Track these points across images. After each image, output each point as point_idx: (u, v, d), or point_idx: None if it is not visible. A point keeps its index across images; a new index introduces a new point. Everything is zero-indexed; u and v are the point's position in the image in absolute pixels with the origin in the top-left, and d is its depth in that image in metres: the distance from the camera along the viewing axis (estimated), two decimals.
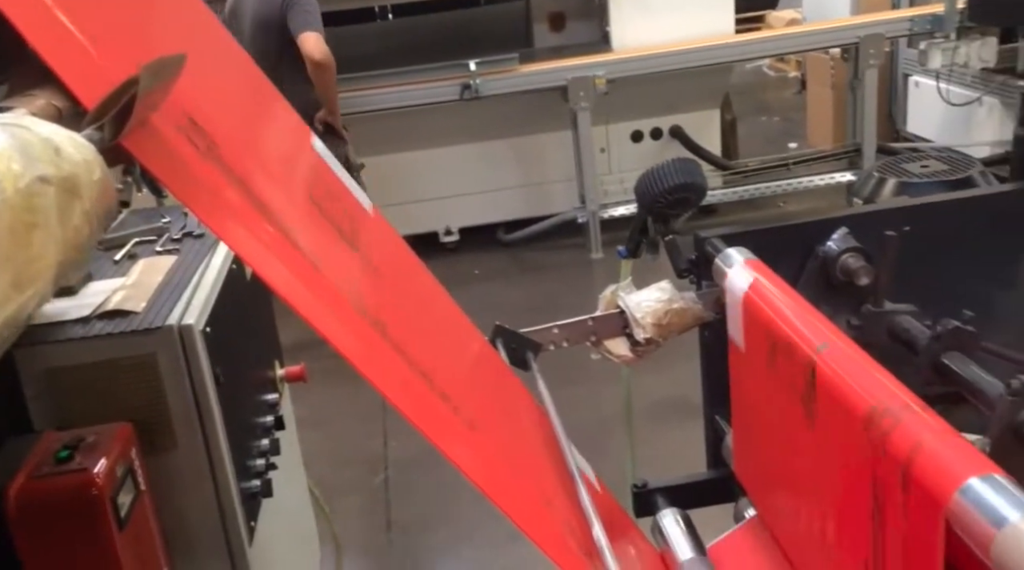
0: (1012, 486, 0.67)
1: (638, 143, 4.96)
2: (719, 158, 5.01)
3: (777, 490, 1.07)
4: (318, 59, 3.46)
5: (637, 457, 1.75)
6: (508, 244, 4.89)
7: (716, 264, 1.17)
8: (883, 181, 1.47)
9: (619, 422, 2.60)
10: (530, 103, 4.61)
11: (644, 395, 2.95)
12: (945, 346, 1.08)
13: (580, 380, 2.50)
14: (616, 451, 1.85)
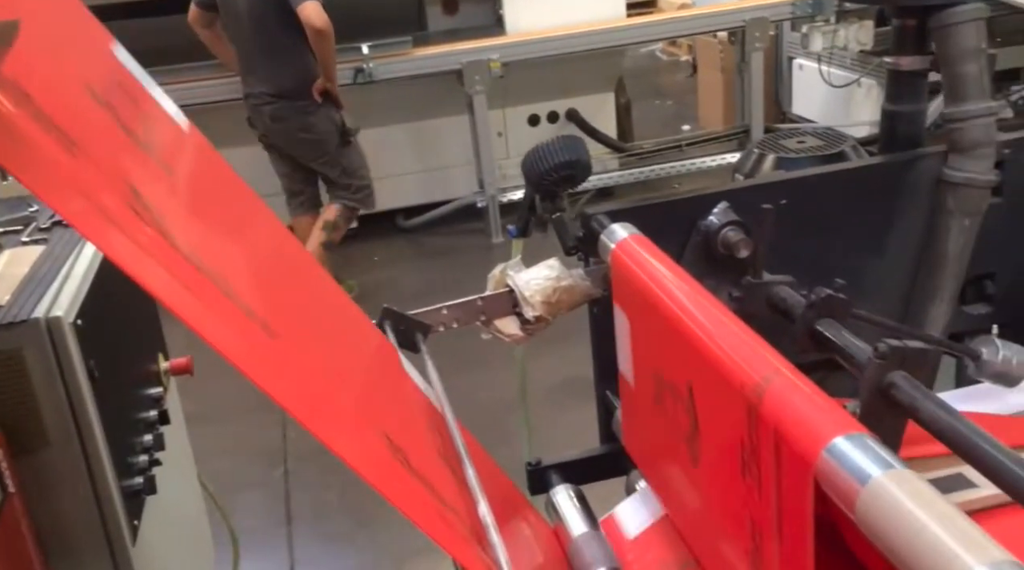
0: (876, 444, 0.70)
1: (535, 127, 4.99)
2: (615, 141, 5.08)
3: (662, 459, 1.09)
4: (319, 27, 3.45)
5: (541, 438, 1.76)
6: (408, 230, 4.85)
7: (601, 240, 1.18)
8: (763, 157, 1.51)
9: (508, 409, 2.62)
10: (426, 87, 4.58)
11: (549, 375, 2.98)
12: (819, 314, 1.11)
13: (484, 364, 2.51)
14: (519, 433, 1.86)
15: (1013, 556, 0.58)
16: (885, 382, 0.97)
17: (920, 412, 0.93)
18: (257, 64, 3.70)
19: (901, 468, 0.67)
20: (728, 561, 0.91)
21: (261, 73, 3.71)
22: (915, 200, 1.33)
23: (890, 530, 0.63)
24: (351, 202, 3.96)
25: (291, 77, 3.68)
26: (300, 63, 3.66)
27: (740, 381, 0.82)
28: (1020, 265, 1.39)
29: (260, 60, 3.68)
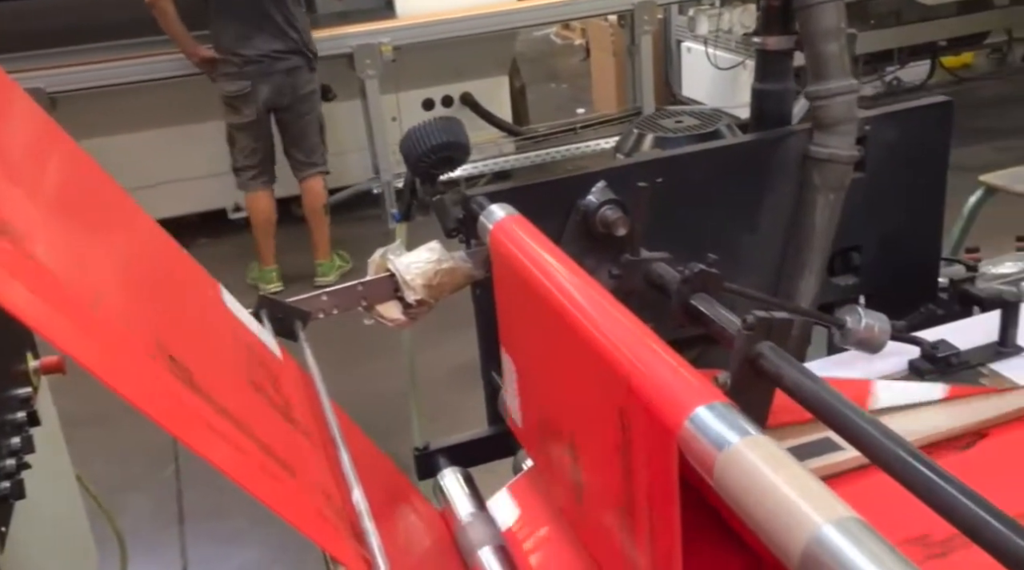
0: (734, 413, 0.72)
1: (430, 111, 4.95)
2: (510, 125, 5.10)
3: (544, 437, 1.10)
4: None
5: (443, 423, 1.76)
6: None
7: (480, 221, 1.18)
8: (642, 137, 1.54)
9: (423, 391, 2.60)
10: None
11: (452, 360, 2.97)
12: (692, 289, 1.14)
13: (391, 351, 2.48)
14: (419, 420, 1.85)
15: (857, 513, 0.61)
16: (753, 352, 1.00)
17: (785, 380, 0.96)
18: (267, 24, 3.83)
19: (757, 434, 0.69)
20: (606, 532, 0.93)
21: (272, 31, 3.84)
22: (784, 176, 1.38)
23: (744, 493, 0.66)
24: (324, 168, 4.15)
25: (303, 30, 3.94)
26: (305, 18, 3.97)
27: (610, 356, 0.84)
28: (883, 237, 1.46)
29: (271, 19, 3.82)
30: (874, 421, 0.86)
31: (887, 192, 1.42)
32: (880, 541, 0.59)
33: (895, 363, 1.25)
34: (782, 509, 0.62)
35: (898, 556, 0.58)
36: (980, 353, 1.24)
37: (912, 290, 1.48)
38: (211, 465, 0.61)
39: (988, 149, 4.49)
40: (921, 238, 1.48)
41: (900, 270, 1.48)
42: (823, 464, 1.06)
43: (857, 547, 0.58)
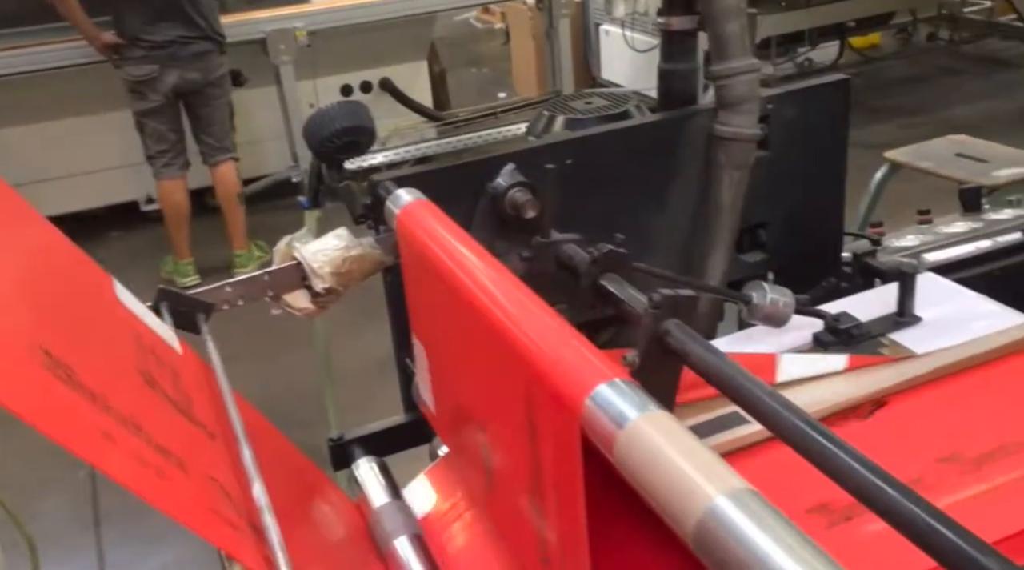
0: (634, 390, 0.72)
1: (349, 97, 4.88)
2: (430, 110, 5.06)
3: (457, 422, 1.09)
4: None
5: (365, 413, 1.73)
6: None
7: (387, 206, 1.16)
8: (553, 119, 1.54)
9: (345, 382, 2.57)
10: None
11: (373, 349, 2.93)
12: (602, 269, 1.14)
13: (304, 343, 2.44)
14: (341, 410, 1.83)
15: (751, 485, 0.62)
16: (660, 330, 1.00)
17: (691, 357, 0.97)
18: (172, 8, 3.73)
19: (656, 411, 0.70)
20: (517, 515, 0.93)
21: (178, 16, 3.75)
22: (691, 155, 1.40)
23: (642, 468, 0.66)
24: (235, 154, 4.08)
25: (211, 13, 3.86)
26: (212, 2, 3.90)
27: (513, 338, 0.83)
28: (788, 214, 1.49)
29: (176, 3, 3.73)
30: (773, 394, 0.88)
31: (790, 169, 1.46)
32: (773, 512, 0.60)
33: (800, 336, 1.28)
34: (677, 483, 0.63)
35: (790, 526, 0.59)
36: (880, 324, 1.27)
37: (817, 264, 1.52)
38: (91, 465, 0.59)
39: (894, 127, 4.64)
40: (824, 213, 1.52)
41: (805, 245, 1.51)
42: (731, 438, 1.08)
43: (750, 518, 0.59)
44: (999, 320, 1.25)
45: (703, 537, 0.59)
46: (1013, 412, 1.08)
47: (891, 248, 1.82)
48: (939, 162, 2.50)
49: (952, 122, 4.54)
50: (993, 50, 6.06)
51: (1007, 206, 1.98)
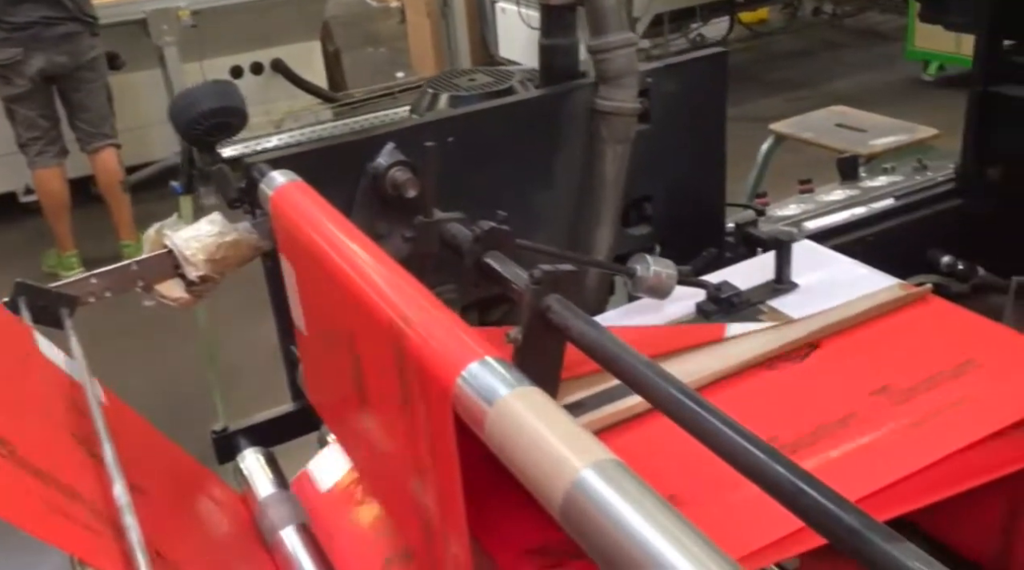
0: (505, 366, 0.72)
1: (240, 79, 4.72)
2: (325, 91, 4.95)
3: (340, 407, 1.07)
4: None
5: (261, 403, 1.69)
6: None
7: (260, 189, 1.13)
8: (436, 96, 1.52)
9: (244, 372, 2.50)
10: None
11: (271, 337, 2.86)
12: (485, 247, 1.14)
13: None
14: (233, 403, 1.77)
15: (616, 456, 0.62)
16: (542, 306, 1.00)
17: (572, 331, 0.97)
18: None
19: (525, 386, 0.69)
20: (403, 496, 0.92)
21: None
22: (574, 130, 1.40)
23: (511, 444, 0.66)
24: (115, 139, 3.92)
25: None
26: None
27: (387, 319, 0.82)
28: (671, 186, 1.51)
29: None
30: (650, 365, 0.89)
31: (672, 142, 1.47)
32: (639, 484, 0.60)
33: (685, 306, 1.30)
34: (545, 457, 0.63)
35: (656, 498, 0.59)
36: (759, 291, 1.31)
37: (702, 236, 1.54)
38: None
39: (780, 100, 4.78)
40: (707, 185, 1.55)
41: (689, 217, 1.54)
42: (616, 410, 1.09)
43: (615, 490, 0.59)
44: (870, 283, 1.30)
45: (569, 510, 0.59)
46: (879, 372, 1.12)
47: (774, 217, 1.88)
48: (820, 133, 2.58)
49: (835, 94, 4.70)
50: (873, 23, 6.30)
51: (882, 174, 2.05)
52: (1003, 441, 1.01)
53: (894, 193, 1.81)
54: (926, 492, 0.98)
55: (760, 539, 0.87)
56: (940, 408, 1.05)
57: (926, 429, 1.02)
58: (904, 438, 1.02)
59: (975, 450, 1.00)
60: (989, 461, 1.01)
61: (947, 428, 1.01)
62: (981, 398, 1.05)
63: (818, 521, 0.70)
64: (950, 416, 1.03)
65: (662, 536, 0.55)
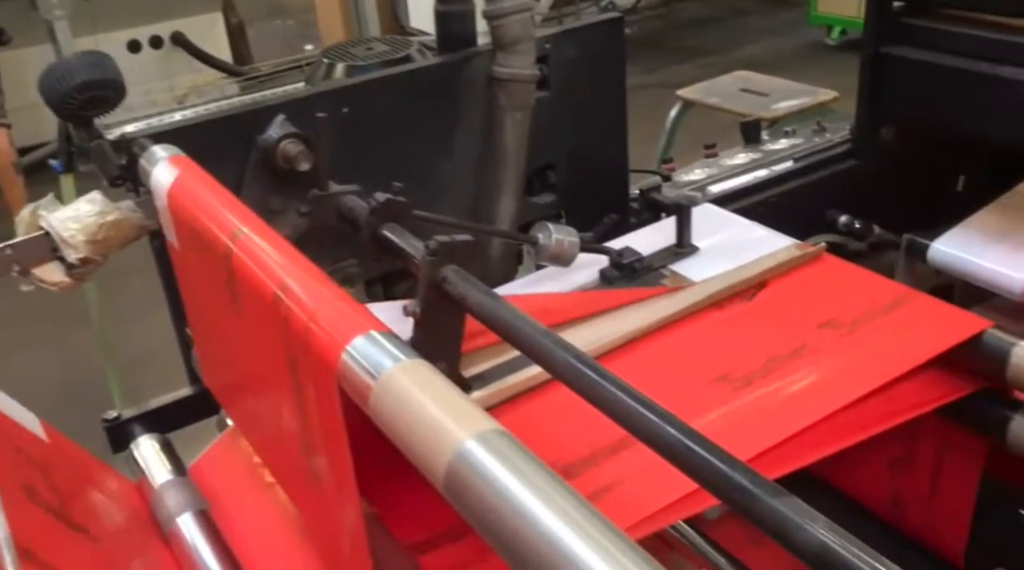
0: (390, 340, 0.70)
1: (137, 54, 4.54)
2: (229, 64, 4.79)
3: (234, 388, 1.04)
4: None
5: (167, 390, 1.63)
6: None
7: (141, 165, 1.07)
8: (332, 67, 1.47)
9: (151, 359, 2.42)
10: None
11: None
12: (381, 219, 1.11)
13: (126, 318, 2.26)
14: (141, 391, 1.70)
15: (501, 426, 0.61)
16: (438, 277, 0.99)
17: (468, 302, 0.96)
18: None
19: (410, 359, 0.68)
20: (298, 478, 0.89)
21: None
22: (472, 98, 1.37)
23: (395, 419, 0.64)
24: (6, 120, 3.66)
25: None
26: None
27: (271, 295, 0.79)
28: (574, 153, 1.50)
29: None
30: (547, 333, 0.88)
31: (572, 109, 1.46)
32: (524, 454, 0.59)
33: (589, 273, 1.30)
34: (428, 430, 0.61)
35: (542, 468, 0.58)
36: (661, 256, 1.31)
37: (606, 202, 1.54)
38: None
39: (691, 67, 4.83)
40: (610, 152, 1.54)
41: (593, 184, 1.54)
42: (521, 379, 1.08)
43: (498, 459, 0.58)
44: (768, 244, 1.32)
45: (452, 482, 0.58)
46: (777, 331, 1.14)
47: (680, 183, 1.89)
48: (725, 98, 2.61)
49: (743, 59, 4.76)
50: None
51: (783, 137, 2.09)
52: (893, 392, 1.04)
53: (793, 155, 1.85)
54: (821, 446, 1.00)
55: (658, 502, 0.88)
56: (836, 362, 1.07)
57: (820, 384, 1.05)
58: (799, 394, 1.04)
59: (867, 403, 1.02)
60: (881, 413, 1.04)
61: (841, 382, 1.04)
62: (872, 352, 1.08)
63: (708, 480, 0.71)
64: (844, 370, 1.06)
65: (545, 506, 0.55)
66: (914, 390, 1.05)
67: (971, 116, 1.54)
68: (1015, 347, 1.00)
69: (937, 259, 1.66)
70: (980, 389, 1.05)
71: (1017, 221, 1.66)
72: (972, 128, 1.56)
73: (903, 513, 1.19)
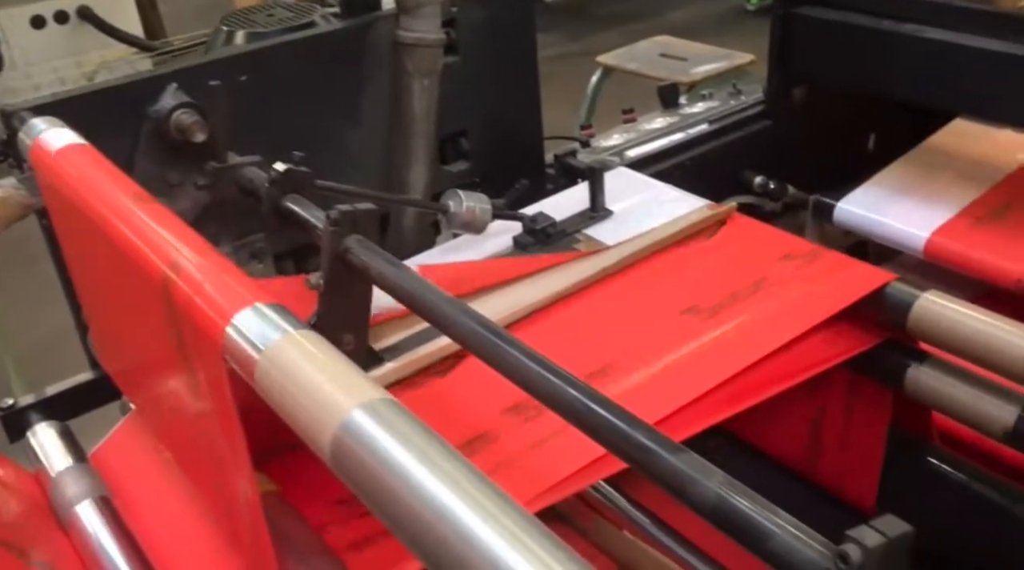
0: (277, 312, 0.67)
1: (42, 30, 4.32)
2: (140, 39, 4.60)
3: (129, 370, 1.00)
4: None
5: None
6: None
7: (20, 139, 1.02)
8: (232, 34, 1.41)
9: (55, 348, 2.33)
10: None
11: None
12: (283, 190, 1.08)
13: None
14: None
15: (390, 395, 0.59)
16: (341, 247, 0.96)
17: (372, 272, 0.94)
18: None
19: (298, 331, 0.65)
20: (196, 457, 0.87)
21: None
22: (378, 64, 1.34)
23: (282, 392, 0.62)
24: None
25: None
26: None
27: (157, 272, 0.75)
28: (486, 120, 1.48)
29: None
30: (451, 300, 0.87)
31: (482, 74, 1.44)
32: (412, 421, 0.57)
33: (503, 241, 1.29)
34: (313, 401, 0.59)
35: (429, 435, 0.56)
36: (575, 221, 1.30)
37: (522, 169, 1.53)
38: None
39: (615, 34, 4.82)
40: (523, 117, 1.52)
41: (508, 150, 1.52)
42: (431, 350, 1.06)
43: (385, 429, 0.56)
44: (681, 205, 1.32)
45: (338, 454, 0.56)
46: (688, 291, 1.14)
47: (599, 148, 1.88)
48: (644, 63, 2.61)
49: (666, 25, 4.78)
50: None
51: (701, 100, 2.09)
52: (802, 348, 1.05)
53: (708, 118, 1.85)
54: (734, 401, 1.01)
55: (569, 466, 0.87)
56: (746, 320, 1.08)
57: (732, 341, 1.05)
58: (711, 352, 1.04)
59: (777, 359, 1.03)
60: (791, 368, 1.05)
61: (752, 339, 1.04)
62: (782, 308, 1.08)
63: (610, 440, 0.70)
64: (753, 327, 1.07)
65: (433, 475, 0.53)
66: (822, 344, 1.07)
67: (877, 74, 1.56)
68: (917, 298, 1.02)
69: (843, 219, 1.68)
70: (885, 341, 1.07)
71: (919, 178, 1.69)
72: (878, 86, 1.58)
73: (817, 466, 1.22)
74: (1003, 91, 1.43)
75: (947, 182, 1.64)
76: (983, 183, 1.61)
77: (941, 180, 1.65)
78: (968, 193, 1.60)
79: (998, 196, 1.58)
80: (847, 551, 0.51)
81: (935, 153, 1.74)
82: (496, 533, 0.48)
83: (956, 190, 1.61)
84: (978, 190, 1.60)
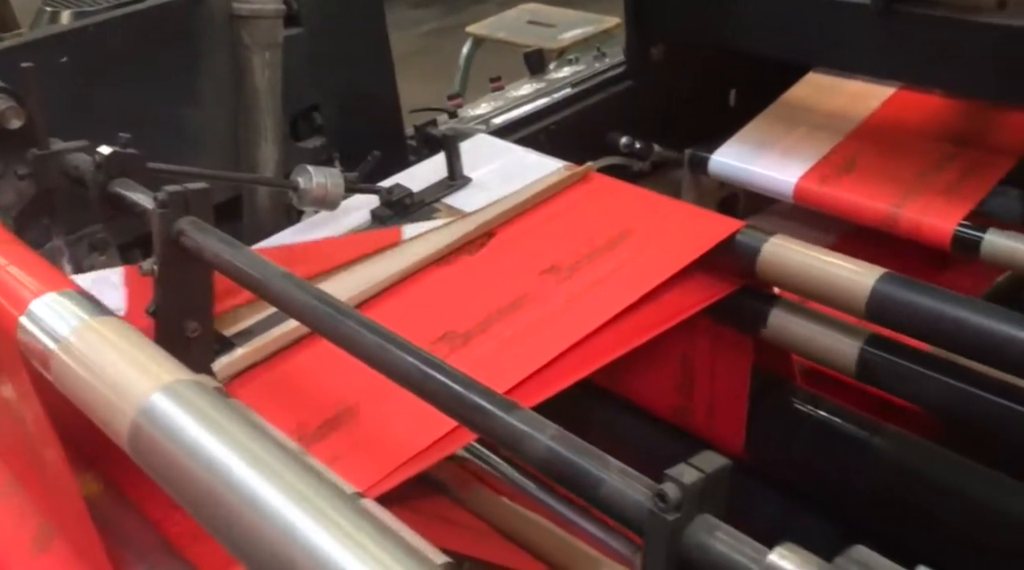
0: (75, 301, 0.63)
1: None
2: None
3: None
4: None
5: None
6: None
7: None
8: (57, 14, 1.32)
9: None
10: None
11: None
12: (110, 175, 1.01)
13: None
14: None
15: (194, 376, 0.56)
16: (173, 230, 0.91)
17: (206, 254, 0.89)
18: None
19: (96, 318, 0.61)
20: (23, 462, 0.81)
21: None
22: (215, 39, 1.28)
23: (81, 382, 0.57)
24: None
25: None
26: None
27: None
28: (339, 93, 1.43)
29: None
30: (285, 275, 0.83)
31: (331, 46, 1.39)
32: (218, 401, 0.54)
33: (360, 215, 1.25)
34: (110, 388, 0.55)
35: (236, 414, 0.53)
36: (433, 190, 1.28)
37: (380, 142, 1.48)
38: None
39: (492, 5, 4.78)
40: (377, 89, 1.49)
41: (364, 124, 1.48)
42: (282, 332, 1.02)
43: (187, 411, 0.52)
44: (540, 169, 1.31)
45: (136, 441, 0.53)
46: (548, 252, 1.13)
47: (466, 118, 1.86)
48: (513, 31, 2.59)
49: None
50: None
51: (567, 65, 2.09)
52: (662, 299, 1.06)
53: (572, 82, 1.85)
54: (598, 356, 1.01)
55: (426, 439, 0.85)
56: (603, 276, 1.08)
57: (591, 297, 1.05)
58: (572, 309, 1.04)
59: (637, 311, 1.04)
60: (652, 319, 1.05)
61: (610, 294, 1.04)
62: (639, 262, 1.09)
63: (446, 404, 0.69)
64: (613, 282, 1.07)
65: (239, 457, 0.50)
66: (681, 295, 1.08)
67: (729, 30, 1.58)
68: (765, 243, 1.04)
69: (717, 170, 1.72)
70: (741, 287, 1.08)
71: (784, 129, 1.73)
72: (731, 42, 1.61)
73: (688, 415, 1.23)
74: (851, 42, 1.47)
75: (806, 132, 1.70)
76: (839, 132, 1.68)
77: (800, 131, 1.70)
78: (827, 142, 1.66)
79: (849, 147, 1.64)
80: (664, 490, 0.51)
81: (793, 106, 1.79)
82: (305, 513, 0.46)
83: (816, 139, 1.67)
84: (835, 139, 1.66)
